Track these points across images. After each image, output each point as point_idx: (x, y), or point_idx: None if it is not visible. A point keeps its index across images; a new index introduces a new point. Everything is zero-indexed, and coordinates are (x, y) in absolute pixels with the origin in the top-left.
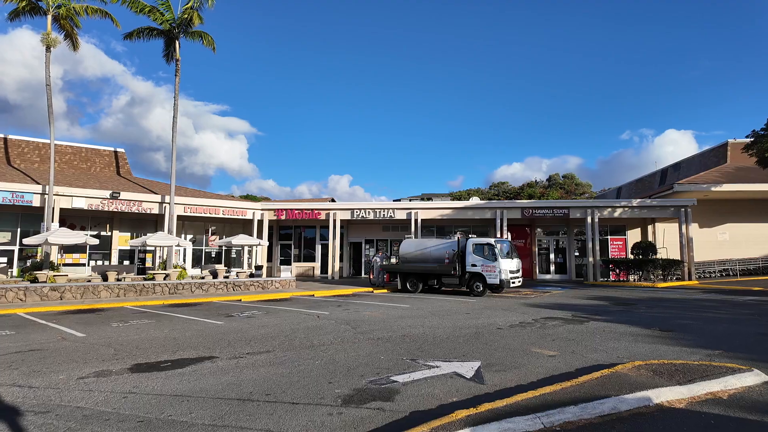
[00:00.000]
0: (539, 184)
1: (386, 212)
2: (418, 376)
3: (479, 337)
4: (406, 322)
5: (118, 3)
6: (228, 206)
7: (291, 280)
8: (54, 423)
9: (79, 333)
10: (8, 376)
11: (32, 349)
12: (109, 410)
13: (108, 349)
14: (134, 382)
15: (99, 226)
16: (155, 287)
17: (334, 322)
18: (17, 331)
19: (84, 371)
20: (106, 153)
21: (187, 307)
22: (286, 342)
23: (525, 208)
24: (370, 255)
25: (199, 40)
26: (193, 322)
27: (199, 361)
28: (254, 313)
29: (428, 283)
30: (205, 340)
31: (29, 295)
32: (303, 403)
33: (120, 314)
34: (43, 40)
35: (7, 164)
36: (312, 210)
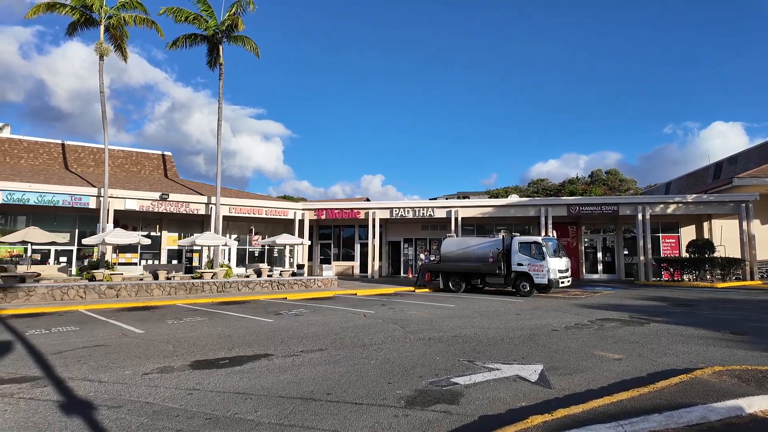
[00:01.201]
0: (581, 180)
1: (425, 211)
2: (479, 379)
3: (535, 338)
4: (455, 322)
5: (163, 13)
6: (270, 206)
7: (333, 279)
8: (126, 418)
9: (138, 330)
10: (78, 370)
11: (97, 344)
12: (176, 407)
13: (167, 345)
14: (196, 378)
15: (149, 226)
16: (204, 285)
17: (382, 321)
18: (81, 327)
19: (147, 367)
20: (154, 156)
21: (236, 305)
22: (338, 340)
23: (571, 205)
24: (409, 254)
25: (242, 44)
26: (243, 319)
27: (256, 359)
28: (301, 312)
29: (471, 283)
30: (258, 338)
31: (88, 292)
32: (366, 403)
33: (173, 312)
34: (96, 49)
35: (65, 168)
36: (351, 209)
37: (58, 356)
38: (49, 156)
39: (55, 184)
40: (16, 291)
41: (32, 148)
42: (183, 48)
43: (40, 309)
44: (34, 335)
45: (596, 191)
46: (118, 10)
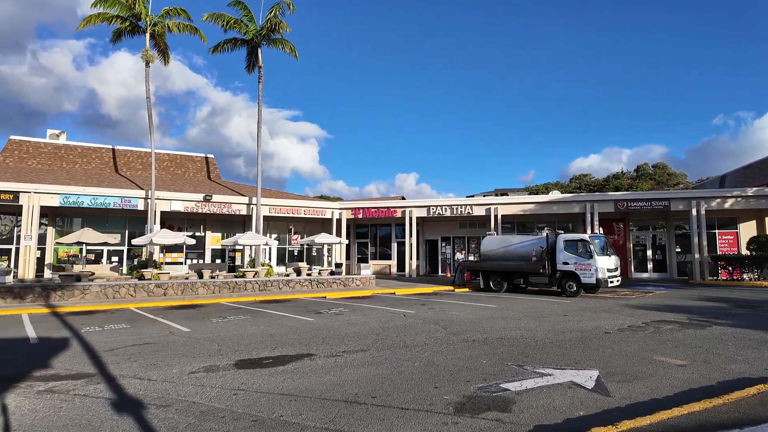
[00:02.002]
0: (626, 174)
1: (463, 208)
2: (531, 385)
3: (586, 341)
4: (499, 323)
5: (206, 19)
6: (308, 206)
7: (371, 278)
8: (175, 418)
9: (185, 328)
10: (129, 368)
11: (146, 342)
12: (222, 407)
13: (212, 344)
14: (241, 378)
15: (194, 227)
16: (246, 284)
17: (422, 322)
18: (131, 324)
19: (194, 366)
20: (198, 159)
21: (277, 304)
22: (379, 341)
23: (619, 201)
24: (447, 253)
25: (281, 47)
26: (285, 318)
27: (299, 359)
28: (341, 311)
29: (513, 282)
30: (300, 337)
31: (138, 291)
32: (413, 408)
33: (218, 310)
34: (142, 56)
35: (116, 172)
36: (388, 208)
37: (110, 353)
38: (100, 161)
39: (107, 187)
40: (72, 289)
41: (86, 154)
42: (224, 52)
43: (94, 307)
44: (88, 332)
45: (643, 186)
46: (162, 17)
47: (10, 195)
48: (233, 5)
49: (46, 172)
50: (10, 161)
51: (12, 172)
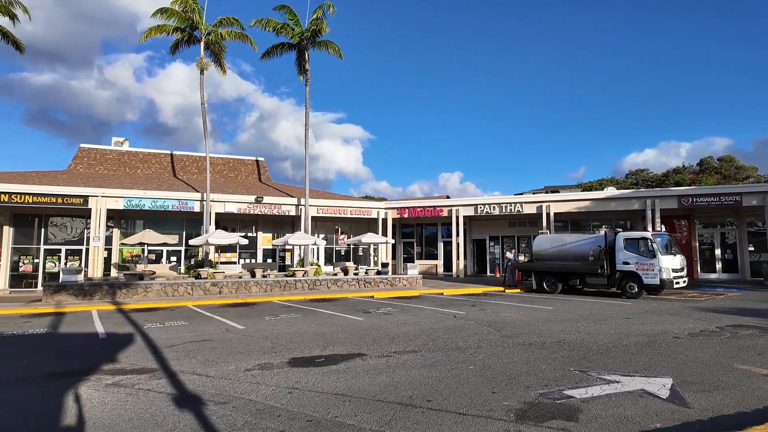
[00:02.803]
0: (688, 169)
1: (513, 207)
2: (597, 392)
3: (654, 346)
4: (556, 326)
5: (253, 25)
6: (355, 206)
7: (418, 277)
8: (232, 415)
9: (239, 325)
10: (188, 364)
11: (204, 339)
12: (278, 406)
13: (266, 341)
14: (295, 377)
15: (246, 228)
16: (296, 283)
17: (474, 323)
18: (189, 322)
19: (249, 363)
20: (249, 162)
21: (326, 303)
22: (430, 342)
23: (683, 196)
24: (495, 252)
25: (325, 49)
26: (335, 317)
27: (350, 358)
28: (389, 311)
29: (568, 283)
30: (350, 336)
31: (195, 289)
32: (471, 414)
33: (270, 308)
34: (197, 64)
35: (174, 176)
36: (434, 207)
37: (170, 349)
38: (159, 165)
39: (166, 191)
40: (136, 287)
41: (146, 159)
42: (273, 57)
43: (156, 304)
44: (150, 329)
45: (707, 180)
46: (216, 26)
47: (81, 199)
48: (278, 9)
49: (111, 177)
50: (81, 168)
51: (82, 178)
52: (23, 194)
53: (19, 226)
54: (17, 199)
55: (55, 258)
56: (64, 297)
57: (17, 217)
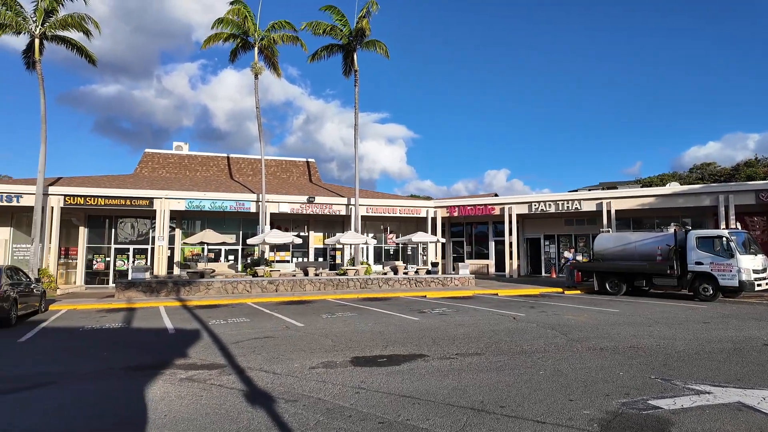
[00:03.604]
0: (761, 162)
1: (570, 204)
2: (687, 403)
3: (743, 354)
4: (626, 330)
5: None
6: (403, 205)
7: (470, 277)
8: (303, 414)
9: (298, 323)
10: (255, 360)
11: (266, 336)
12: (347, 406)
13: (326, 339)
14: (359, 376)
15: (298, 227)
16: (348, 282)
17: (536, 326)
18: (251, 318)
19: (313, 361)
20: (300, 163)
21: (379, 302)
22: (493, 345)
23: (761, 191)
24: (551, 252)
25: (373, 49)
26: (390, 316)
27: (412, 359)
28: (444, 311)
29: (633, 284)
30: (408, 336)
31: (253, 287)
32: (550, 423)
33: (325, 306)
34: (252, 69)
35: (230, 178)
36: (485, 205)
37: (236, 346)
38: (217, 168)
39: (224, 192)
40: (198, 285)
41: (204, 162)
42: (321, 59)
43: (217, 301)
44: (215, 325)
45: None
46: (269, 31)
47: (147, 201)
48: (325, 10)
49: (173, 180)
50: (145, 171)
51: (147, 181)
52: (96, 197)
53: (93, 226)
54: (91, 202)
55: (124, 256)
56: (134, 293)
57: (91, 218)
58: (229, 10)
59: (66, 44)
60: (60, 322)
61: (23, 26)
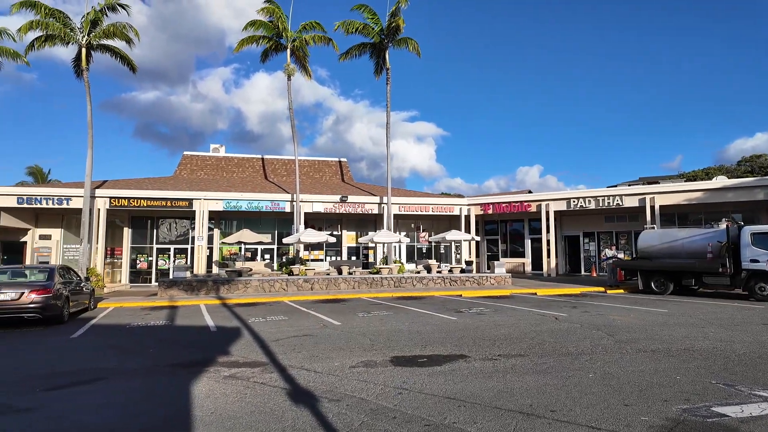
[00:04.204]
0: None
1: (611, 200)
2: (755, 411)
3: None
4: (677, 331)
5: (337, 28)
6: (436, 203)
7: (507, 276)
8: (347, 414)
9: (336, 321)
10: (295, 358)
11: (304, 334)
12: (390, 407)
13: (364, 338)
14: (401, 376)
15: (331, 226)
16: (382, 281)
17: (580, 326)
18: (288, 316)
19: (352, 360)
20: (332, 163)
21: (414, 300)
22: (536, 346)
23: None
24: (590, 250)
25: (405, 46)
26: (426, 315)
27: (453, 360)
28: (482, 310)
29: (681, 283)
30: (447, 336)
31: (289, 285)
32: (606, 429)
33: (360, 305)
34: (285, 70)
35: (265, 179)
36: (521, 202)
37: (276, 343)
38: (252, 169)
39: (259, 192)
40: (236, 283)
41: (240, 163)
42: (351, 58)
43: (255, 299)
44: (254, 323)
45: None
46: (300, 32)
47: (186, 202)
48: (357, 9)
49: (211, 181)
50: (185, 173)
51: (186, 183)
52: (139, 199)
53: (136, 227)
54: (135, 204)
55: (165, 256)
56: (176, 292)
57: (134, 219)
58: (262, 9)
59: (110, 53)
60: (108, 319)
61: (71, 37)
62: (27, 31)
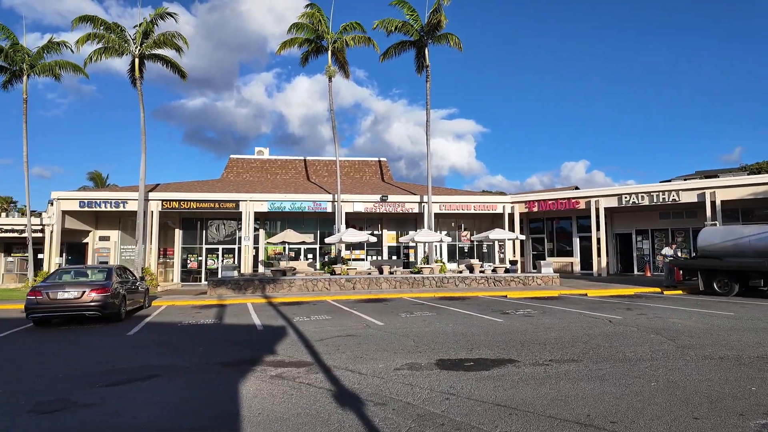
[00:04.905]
0: None
1: (667, 195)
2: None
3: None
4: (748, 336)
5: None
6: (478, 201)
7: (554, 276)
8: (393, 419)
9: (378, 321)
10: (339, 359)
11: (348, 334)
12: (438, 412)
13: (407, 340)
14: (447, 381)
15: (372, 226)
16: (424, 280)
17: (637, 330)
18: (332, 316)
19: (397, 362)
20: (372, 163)
21: (457, 301)
22: (590, 350)
23: None
24: (644, 248)
25: (446, 42)
26: (470, 317)
27: (501, 364)
28: (530, 312)
29: (748, 284)
30: (493, 339)
31: (332, 285)
32: None
33: (402, 305)
34: (326, 72)
35: (307, 180)
36: (568, 199)
37: (320, 343)
38: (295, 170)
39: (302, 193)
40: (281, 283)
41: (283, 165)
42: (391, 57)
43: (299, 298)
44: (299, 322)
45: None
46: (341, 33)
47: (233, 204)
48: (396, 4)
49: (256, 183)
50: (231, 176)
51: (233, 185)
52: (189, 201)
53: (186, 228)
54: (185, 206)
55: (214, 256)
56: (224, 290)
57: (184, 220)
58: (303, 14)
59: (161, 61)
60: (161, 317)
61: (125, 48)
62: (84, 42)
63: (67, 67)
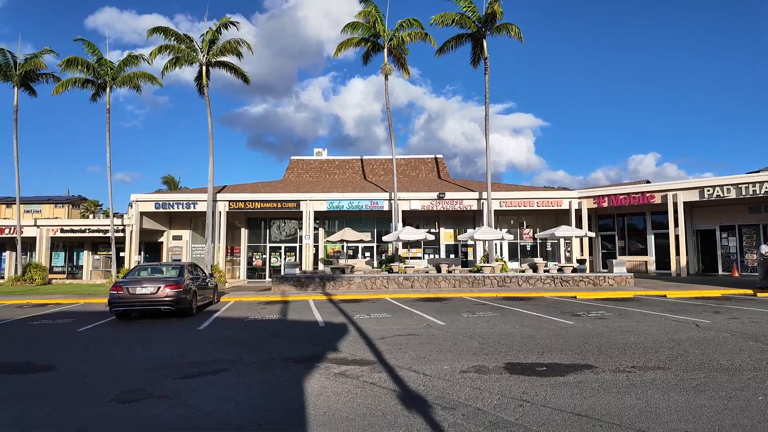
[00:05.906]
0: None
1: (758, 187)
2: None
3: None
4: None
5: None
6: (542, 197)
7: (628, 276)
8: (464, 425)
9: (439, 321)
10: (402, 358)
11: (409, 333)
12: (512, 420)
13: (472, 341)
14: (519, 386)
15: (429, 224)
16: (485, 279)
17: (731, 335)
18: (392, 314)
19: (462, 364)
20: (428, 160)
21: (522, 301)
22: (678, 357)
23: None
24: (730, 246)
25: (505, 33)
26: (537, 318)
27: (577, 370)
28: (603, 314)
29: None
30: (565, 343)
31: (390, 283)
32: None
33: (463, 304)
34: (382, 70)
35: (364, 179)
36: (642, 193)
37: (382, 342)
38: (352, 170)
39: (359, 192)
40: (341, 280)
41: (341, 165)
42: (448, 52)
43: (358, 296)
44: (359, 319)
45: None
46: (397, 31)
47: (294, 203)
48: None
49: (316, 183)
50: (292, 177)
51: (294, 185)
52: (254, 201)
53: (251, 228)
54: (250, 206)
55: (277, 254)
56: (286, 287)
57: (250, 220)
58: (360, 12)
59: (226, 68)
60: (229, 312)
61: (194, 57)
62: (157, 55)
63: (144, 78)
